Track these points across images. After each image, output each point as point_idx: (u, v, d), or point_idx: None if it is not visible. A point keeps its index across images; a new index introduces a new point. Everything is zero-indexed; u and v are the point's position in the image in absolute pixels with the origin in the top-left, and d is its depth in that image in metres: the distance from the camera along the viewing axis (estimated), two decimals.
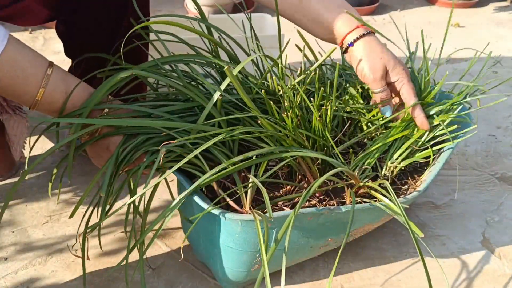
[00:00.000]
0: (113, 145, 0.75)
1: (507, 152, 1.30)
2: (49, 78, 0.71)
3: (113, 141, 0.76)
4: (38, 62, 0.71)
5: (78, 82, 0.75)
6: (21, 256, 0.94)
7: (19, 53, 0.69)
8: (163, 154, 0.68)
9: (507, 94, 1.58)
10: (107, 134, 0.75)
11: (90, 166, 1.18)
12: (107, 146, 0.76)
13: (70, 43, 1.05)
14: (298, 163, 0.78)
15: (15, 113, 1.06)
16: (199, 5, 0.84)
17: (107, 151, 0.76)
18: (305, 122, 0.78)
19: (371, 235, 1.00)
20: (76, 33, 1.00)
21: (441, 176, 1.19)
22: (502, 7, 2.38)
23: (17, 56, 0.69)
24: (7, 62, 0.68)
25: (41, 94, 0.71)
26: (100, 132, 0.76)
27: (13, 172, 1.15)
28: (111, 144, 0.76)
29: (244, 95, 0.72)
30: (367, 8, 2.29)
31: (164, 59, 0.80)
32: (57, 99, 0.73)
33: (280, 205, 0.77)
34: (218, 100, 0.73)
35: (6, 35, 0.67)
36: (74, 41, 1.03)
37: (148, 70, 0.78)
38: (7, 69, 0.68)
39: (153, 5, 2.60)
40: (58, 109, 0.74)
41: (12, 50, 0.68)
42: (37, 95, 0.71)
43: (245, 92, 0.72)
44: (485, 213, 1.08)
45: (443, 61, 1.26)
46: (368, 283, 0.90)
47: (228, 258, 0.77)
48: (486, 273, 0.93)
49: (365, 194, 0.80)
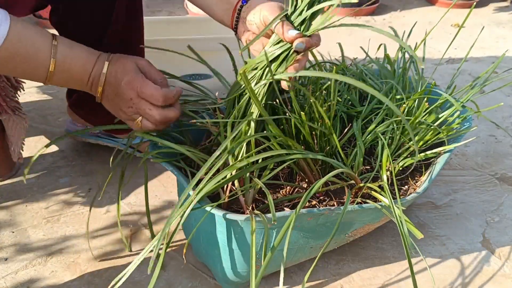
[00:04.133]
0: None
1: (507, 152, 1.30)
2: (57, 48, 0.74)
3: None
4: (43, 36, 0.73)
5: (83, 47, 0.77)
6: (21, 257, 0.94)
7: (25, 29, 0.71)
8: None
9: (507, 94, 1.58)
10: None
11: (90, 166, 1.18)
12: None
13: (63, 30, 1.05)
14: (299, 164, 0.78)
15: (14, 114, 1.06)
16: None
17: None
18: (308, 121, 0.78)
19: (371, 235, 1.00)
20: (67, 19, 1.01)
21: (441, 176, 1.19)
22: (502, 7, 2.38)
23: (25, 32, 0.71)
24: (16, 39, 0.70)
25: (53, 64, 0.73)
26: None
27: (13, 172, 1.15)
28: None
29: (256, 99, 0.71)
30: (367, 8, 2.29)
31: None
32: (68, 67, 0.75)
33: (281, 205, 0.77)
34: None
35: (7, 14, 0.69)
36: (66, 28, 1.03)
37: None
38: (18, 45, 0.70)
39: (153, 5, 2.61)
40: (72, 77, 0.76)
41: (18, 27, 0.70)
42: (49, 66, 0.73)
43: (256, 97, 0.72)
44: (485, 213, 1.08)
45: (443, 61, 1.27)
46: (368, 283, 0.90)
47: (228, 258, 0.77)
48: (486, 273, 0.93)
49: (365, 195, 0.80)
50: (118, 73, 0.77)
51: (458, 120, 0.91)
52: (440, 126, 0.91)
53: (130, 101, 0.77)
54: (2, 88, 1.04)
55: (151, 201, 1.08)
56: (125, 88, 0.76)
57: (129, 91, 0.76)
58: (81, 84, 0.78)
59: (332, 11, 0.69)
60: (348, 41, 1.97)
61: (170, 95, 0.77)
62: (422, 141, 0.89)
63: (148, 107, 0.76)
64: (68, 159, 1.21)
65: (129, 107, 0.78)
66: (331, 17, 0.70)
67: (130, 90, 0.76)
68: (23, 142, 1.11)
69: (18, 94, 1.10)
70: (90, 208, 0.88)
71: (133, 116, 0.78)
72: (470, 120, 0.94)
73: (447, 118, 0.91)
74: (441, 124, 0.91)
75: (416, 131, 0.89)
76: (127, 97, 0.77)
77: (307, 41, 0.72)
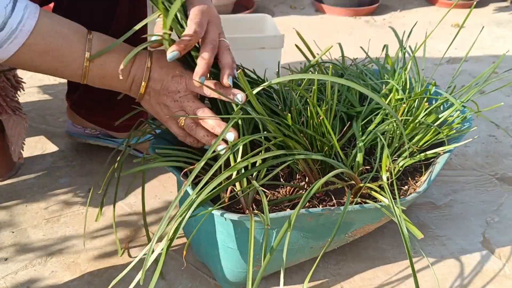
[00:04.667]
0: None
1: (507, 152, 1.30)
2: (91, 42, 0.72)
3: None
4: (77, 30, 0.72)
5: (121, 44, 0.74)
6: (21, 257, 0.94)
7: (56, 23, 0.69)
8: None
9: (507, 94, 1.58)
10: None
11: (90, 166, 1.18)
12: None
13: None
14: (299, 165, 0.78)
15: (14, 114, 1.06)
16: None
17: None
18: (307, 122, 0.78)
19: (371, 235, 1.00)
20: (71, 15, 1.01)
21: (441, 176, 1.19)
22: (502, 7, 2.38)
23: (56, 26, 0.69)
24: (47, 33, 0.68)
25: (87, 60, 0.71)
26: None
27: (13, 172, 1.15)
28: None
29: (254, 99, 0.71)
30: (367, 8, 2.29)
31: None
32: (103, 62, 0.73)
33: (281, 205, 0.77)
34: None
35: (37, 8, 0.67)
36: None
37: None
38: (49, 40, 0.68)
39: None
40: (108, 73, 0.73)
41: (47, 22, 0.68)
42: (84, 61, 0.71)
43: (255, 97, 0.72)
44: (485, 213, 1.08)
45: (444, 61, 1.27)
46: (368, 283, 0.90)
47: (228, 258, 0.77)
48: (486, 273, 0.93)
49: (365, 195, 0.80)
50: (163, 67, 0.75)
51: (458, 120, 0.91)
52: (440, 126, 0.91)
53: (177, 94, 0.74)
54: (2, 88, 1.04)
55: (151, 201, 1.08)
56: (173, 81, 0.74)
57: (177, 84, 0.74)
58: (120, 81, 0.75)
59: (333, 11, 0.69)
60: (348, 41, 1.97)
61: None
62: (422, 141, 0.89)
63: (193, 100, 0.74)
64: (68, 159, 1.21)
65: (175, 100, 0.75)
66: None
67: (178, 84, 0.74)
68: (23, 142, 1.11)
69: (18, 94, 1.10)
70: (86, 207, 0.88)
71: (176, 112, 0.75)
72: (470, 120, 0.94)
73: (447, 118, 0.91)
74: (441, 124, 0.91)
75: (416, 131, 0.89)
76: (174, 89, 0.74)
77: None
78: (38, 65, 0.71)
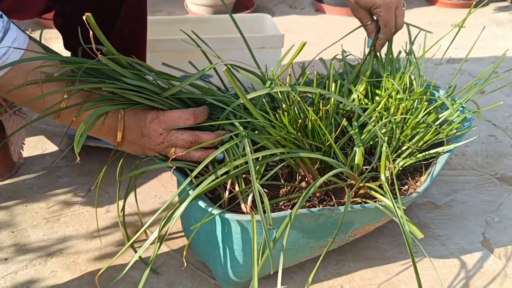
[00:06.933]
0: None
1: (507, 152, 1.30)
2: (70, 94, 0.68)
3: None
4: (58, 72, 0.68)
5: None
6: (21, 257, 0.94)
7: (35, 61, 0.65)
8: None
9: (507, 94, 1.58)
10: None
11: (90, 166, 1.18)
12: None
13: (68, 34, 1.05)
14: (297, 164, 0.78)
15: (14, 113, 1.06)
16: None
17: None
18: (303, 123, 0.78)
19: (371, 235, 1.00)
20: (73, 23, 1.01)
21: (441, 176, 1.19)
22: (502, 7, 2.38)
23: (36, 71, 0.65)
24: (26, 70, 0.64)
25: (65, 102, 0.68)
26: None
27: (13, 172, 1.15)
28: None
29: (244, 98, 0.71)
30: None
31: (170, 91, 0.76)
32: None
33: (280, 205, 0.77)
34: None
35: (26, 39, 0.64)
36: (71, 32, 1.03)
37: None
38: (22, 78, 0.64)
39: (153, 5, 2.61)
40: (82, 119, 0.69)
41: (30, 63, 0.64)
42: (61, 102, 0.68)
43: (245, 95, 0.72)
44: (485, 213, 1.08)
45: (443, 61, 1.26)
46: (368, 283, 0.90)
47: (228, 258, 0.77)
48: (486, 273, 0.93)
49: (365, 194, 0.80)
50: (137, 114, 0.73)
51: (458, 120, 0.91)
52: (440, 126, 0.91)
53: (160, 137, 0.73)
54: None
55: (151, 201, 1.08)
56: (151, 124, 0.73)
57: (156, 126, 0.72)
58: (95, 129, 0.72)
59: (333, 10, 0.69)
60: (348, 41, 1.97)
61: (198, 111, 0.74)
62: (422, 141, 0.89)
63: (180, 133, 0.73)
64: (68, 159, 1.21)
65: (160, 143, 0.74)
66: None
67: (157, 125, 0.72)
68: (23, 142, 1.11)
69: None
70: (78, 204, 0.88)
71: (165, 150, 0.75)
72: (470, 120, 0.94)
73: (447, 118, 0.91)
74: (441, 124, 0.91)
75: (416, 131, 0.89)
76: (156, 133, 0.73)
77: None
78: (15, 97, 0.67)
